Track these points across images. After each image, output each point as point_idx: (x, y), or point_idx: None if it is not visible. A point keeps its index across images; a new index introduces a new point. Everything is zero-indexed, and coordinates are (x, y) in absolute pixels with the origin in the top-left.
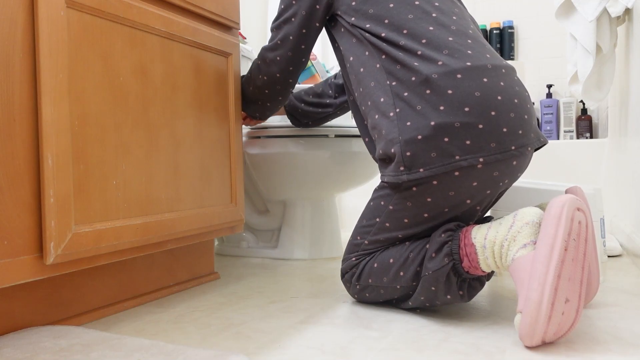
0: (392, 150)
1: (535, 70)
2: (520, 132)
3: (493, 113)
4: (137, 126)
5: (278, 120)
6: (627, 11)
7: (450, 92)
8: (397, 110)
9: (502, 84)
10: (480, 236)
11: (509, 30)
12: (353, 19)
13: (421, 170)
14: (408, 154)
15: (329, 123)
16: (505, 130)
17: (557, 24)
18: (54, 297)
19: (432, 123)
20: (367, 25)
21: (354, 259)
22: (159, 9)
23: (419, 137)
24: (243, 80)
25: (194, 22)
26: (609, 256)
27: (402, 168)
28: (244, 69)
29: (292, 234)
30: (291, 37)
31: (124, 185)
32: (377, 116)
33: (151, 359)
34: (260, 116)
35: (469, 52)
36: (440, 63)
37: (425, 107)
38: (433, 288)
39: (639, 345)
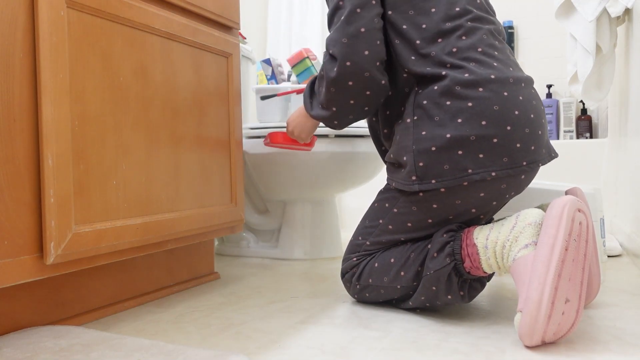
0: (404, 158)
1: (535, 70)
2: (532, 147)
3: (509, 128)
4: (137, 126)
5: (278, 120)
6: (627, 11)
7: (470, 104)
8: (415, 117)
9: (520, 98)
10: (482, 237)
11: (509, 30)
12: (390, 12)
13: (433, 181)
14: (421, 164)
15: None
16: (518, 145)
17: (557, 24)
18: (54, 297)
19: (448, 135)
20: (404, 27)
21: (354, 259)
22: (159, 9)
23: (433, 148)
24: (311, 87)
25: (194, 22)
26: (609, 256)
27: (414, 178)
28: (244, 69)
29: (292, 234)
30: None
31: (124, 185)
32: (400, 121)
33: (151, 359)
34: (339, 123)
35: (495, 64)
36: (466, 75)
37: (443, 118)
38: (434, 288)
39: (639, 345)
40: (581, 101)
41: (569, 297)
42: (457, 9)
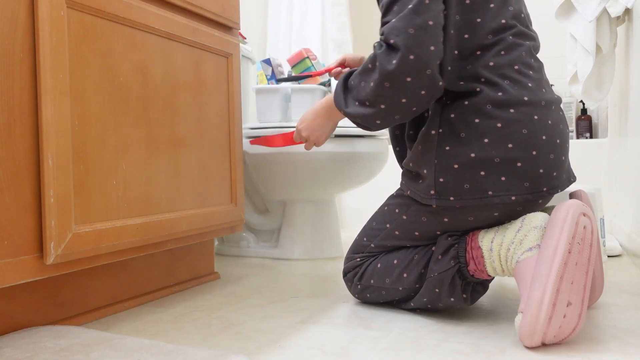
0: (425, 170)
1: None
2: (555, 174)
3: (534, 152)
4: (137, 126)
5: (278, 120)
6: (627, 11)
7: (499, 125)
8: (440, 130)
9: (549, 122)
10: (487, 240)
11: None
12: (445, 12)
13: (451, 198)
14: (441, 180)
15: None
16: (541, 171)
17: (557, 24)
18: (54, 297)
19: (472, 155)
20: (452, 31)
21: (358, 259)
22: (159, 9)
23: (456, 165)
24: (344, 83)
25: (194, 22)
26: (609, 256)
27: (432, 192)
28: (244, 69)
29: (292, 234)
30: None
31: (124, 185)
32: (423, 128)
33: (151, 359)
34: (382, 123)
35: (529, 84)
36: (499, 94)
37: (469, 136)
38: (437, 290)
39: (639, 345)
40: (581, 101)
41: (571, 300)
42: (503, 21)
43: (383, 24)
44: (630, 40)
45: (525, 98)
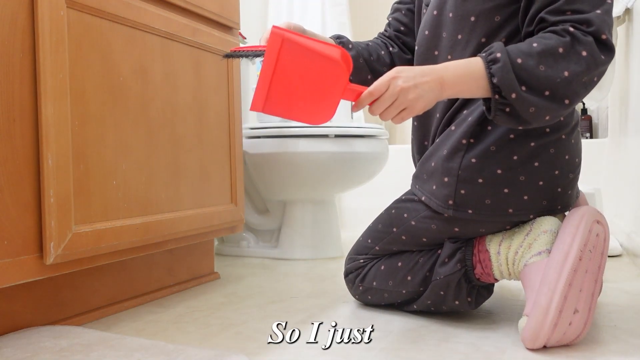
0: (446, 179)
1: None
2: (569, 192)
3: (556, 172)
4: (137, 126)
5: (278, 120)
6: (627, 11)
7: (532, 144)
8: (471, 140)
9: (573, 141)
10: (494, 243)
11: None
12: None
13: (470, 211)
14: (462, 192)
15: (329, 123)
16: (559, 190)
17: None
18: (54, 297)
19: (499, 171)
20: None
21: (361, 260)
22: (159, 8)
23: (480, 180)
24: (512, 58)
25: (194, 22)
26: (608, 256)
27: (450, 202)
28: (244, 69)
29: (292, 234)
30: None
31: (124, 185)
32: (456, 132)
33: (151, 359)
34: (548, 120)
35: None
36: None
37: (500, 151)
38: (442, 292)
39: (639, 346)
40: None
41: (578, 308)
42: None
43: (564, 11)
44: (630, 40)
45: (562, 118)
